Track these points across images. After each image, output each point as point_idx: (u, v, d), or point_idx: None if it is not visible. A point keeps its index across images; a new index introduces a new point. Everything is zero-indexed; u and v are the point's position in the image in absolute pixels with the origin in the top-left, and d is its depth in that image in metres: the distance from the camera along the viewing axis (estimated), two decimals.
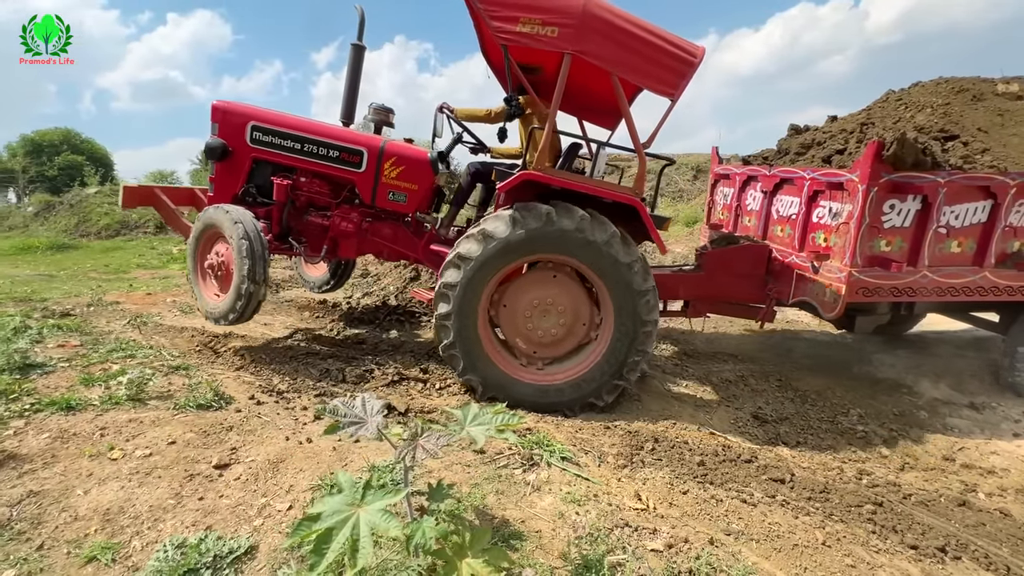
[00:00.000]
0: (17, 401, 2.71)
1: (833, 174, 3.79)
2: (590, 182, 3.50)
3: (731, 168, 5.37)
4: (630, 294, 3.32)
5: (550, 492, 2.36)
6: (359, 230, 4.13)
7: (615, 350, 3.41)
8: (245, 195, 4.04)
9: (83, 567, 1.71)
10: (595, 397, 3.44)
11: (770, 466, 2.95)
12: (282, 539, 1.89)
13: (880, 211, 3.53)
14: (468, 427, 1.63)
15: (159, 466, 2.27)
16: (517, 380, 3.44)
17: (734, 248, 4.45)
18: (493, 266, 3.28)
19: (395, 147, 4.04)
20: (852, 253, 3.53)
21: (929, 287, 3.69)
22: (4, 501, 1.95)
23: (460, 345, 3.35)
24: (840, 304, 3.62)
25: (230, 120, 3.93)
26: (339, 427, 1.52)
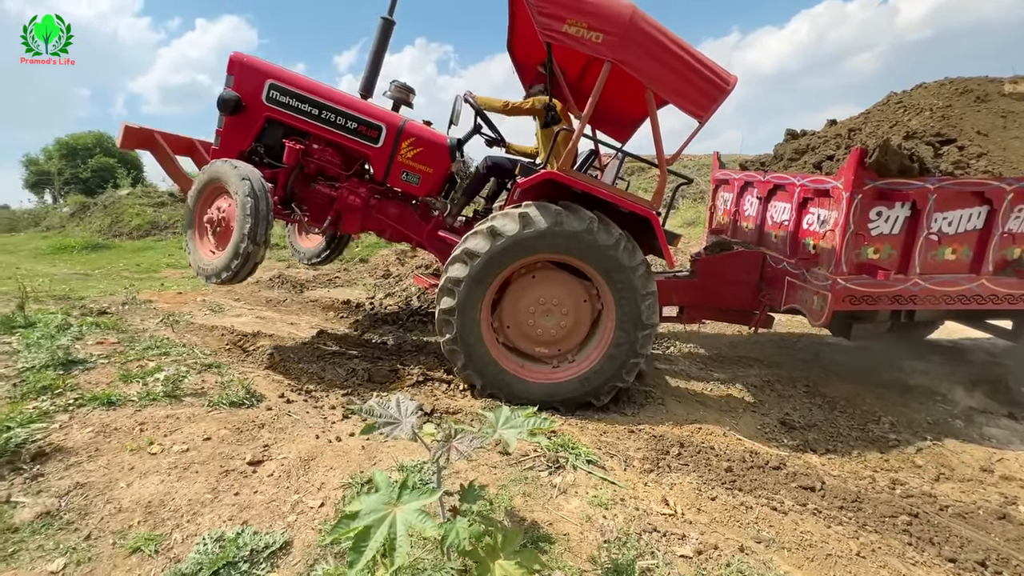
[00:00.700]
0: (62, 396, 2.82)
1: (820, 181, 3.77)
2: (611, 189, 3.53)
3: (730, 173, 5.36)
4: (633, 297, 3.36)
5: (576, 495, 2.36)
6: (366, 206, 4.05)
7: (615, 352, 3.43)
8: (252, 154, 3.87)
9: (128, 557, 1.77)
10: (593, 397, 3.47)
11: (799, 473, 2.90)
12: (315, 535, 1.93)
13: (866, 218, 3.48)
14: (500, 430, 1.64)
15: (196, 461, 2.34)
16: (517, 377, 3.46)
17: (727, 255, 4.44)
18: (500, 263, 3.28)
19: (415, 127, 3.97)
20: (838, 260, 3.50)
21: (922, 295, 3.61)
22: (53, 492, 2.03)
23: (462, 341, 3.36)
24: (827, 312, 3.56)
25: (248, 75, 3.77)
26: (375, 427, 1.55)
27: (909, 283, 3.56)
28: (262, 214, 3.26)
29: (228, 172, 3.38)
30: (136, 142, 4.10)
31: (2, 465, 2.14)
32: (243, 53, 3.81)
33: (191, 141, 4.52)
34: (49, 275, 7.25)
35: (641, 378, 3.91)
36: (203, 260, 3.60)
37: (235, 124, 3.82)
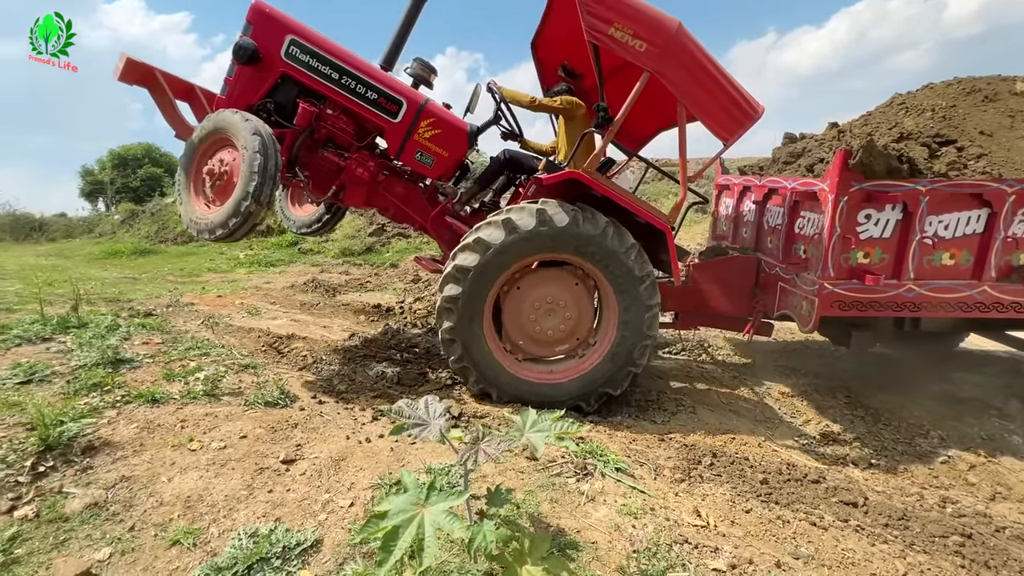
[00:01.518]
0: (110, 393, 2.96)
1: (808, 184, 3.67)
2: (632, 197, 3.53)
3: (731, 179, 5.29)
4: (638, 307, 3.37)
5: (605, 503, 2.32)
6: (373, 180, 3.90)
7: (612, 359, 3.42)
8: (260, 109, 3.62)
9: (168, 549, 1.84)
10: (583, 401, 3.46)
11: (840, 488, 2.77)
12: (345, 534, 1.96)
13: (854, 221, 3.37)
14: (528, 433, 1.63)
15: (232, 458, 2.41)
16: (513, 375, 3.43)
17: (720, 260, 4.36)
18: (511, 256, 3.27)
19: (436, 108, 3.82)
20: (824, 264, 3.38)
21: (917, 302, 3.45)
22: (101, 484, 2.13)
23: (461, 331, 3.32)
24: (814, 318, 3.45)
25: (269, 25, 3.55)
26: (403, 428, 1.56)
27: (903, 289, 3.41)
28: (269, 173, 3.03)
29: (238, 124, 3.14)
30: (137, 77, 3.67)
31: (56, 457, 2.26)
32: (266, 2, 3.56)
33: (191, 86, 4.12)
34: (101, 279, 7.66)
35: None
36: (196, 213, 3.36)
37: (247, 75, 3.60)
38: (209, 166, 3.39)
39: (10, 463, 2.16)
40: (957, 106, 4.33)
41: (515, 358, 3.57)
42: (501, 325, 3.58)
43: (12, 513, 1.92)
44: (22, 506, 1.96)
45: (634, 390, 4.01)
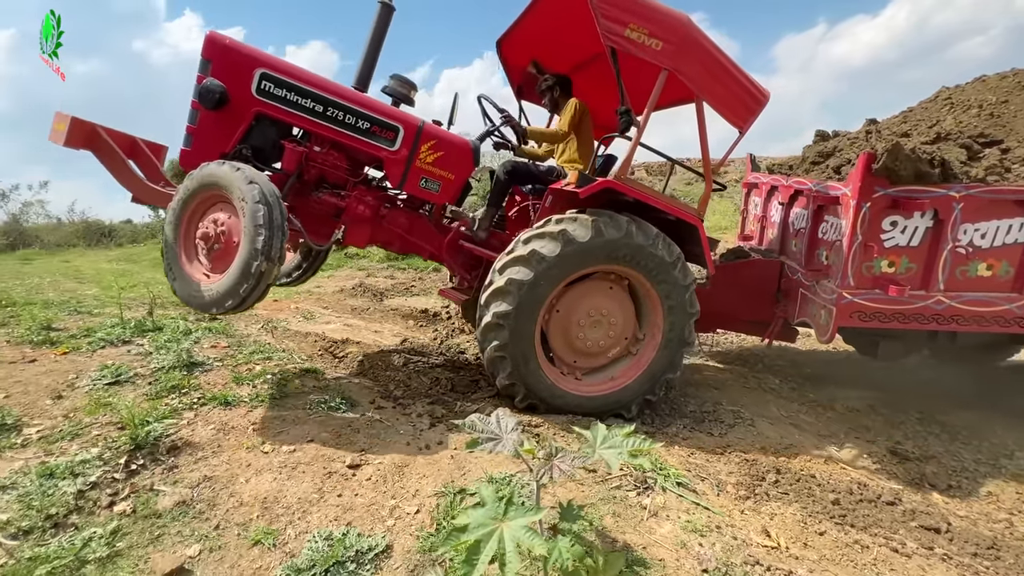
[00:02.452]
0: (187, 395, 3.15)
1: (832, 187, 3.50)
2: (663, 198, 3.48)
3: (760, 177, 5.08)
4: (683, 315, 3.40)
5: (668, 519, 2.29)
6: (376, 216, 3.62)
7: (656, 367, 3.45)
8: (235, 157, 3.24)
9: (251, 548, 1.94)
10: (624, 409, 3.47)
11: (919, 511, 2.62)
12: (414, 541, 2.01)
13: (878, 228, 3.21)
14: (600, 449, 1.63)
15: (302, 462, 2.52)
16: (560, 389, 3.40)
17: (742, 263, 4.24)
18: (565, 269, 3.22)
19: (434, 129, 3.56)
20: (844, 272, 3.24)
21: (947, 314, 3.24)
22: (186, 483, 2.28)
23: (512, 348, 3.22)
24: (831, 328, 3.33)
25: (232, 60, 3.15)
26: (478, 443, 1.59)
27: (931, 300, 3.23)
28: (276, 224, 2.66)
29: (229, 176, 2.75)
30: (82, 140, 3.24)
31: (145, 456, 2.43)
32: (224, 36, 3.17)
33: (133, 140, 3.66)
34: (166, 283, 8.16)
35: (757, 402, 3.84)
36: (194, 286, 2.94)
37: (216, 121, 3.21)
38: (203, 230, 2.97)
39: (106, 460, 2.34)
40: (1009, 101, 4.03)
41: (574, 377, 3.56)
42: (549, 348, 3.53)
43: (112, 508, 2.08)
44: (120, 502, 2.12)
45: (688, 400, 3.93)
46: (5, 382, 3.19)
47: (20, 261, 10.98)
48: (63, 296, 6.16)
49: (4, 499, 2.04)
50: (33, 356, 3.70)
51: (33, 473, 2.19)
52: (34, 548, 1.80)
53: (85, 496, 2.11)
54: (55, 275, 8.17)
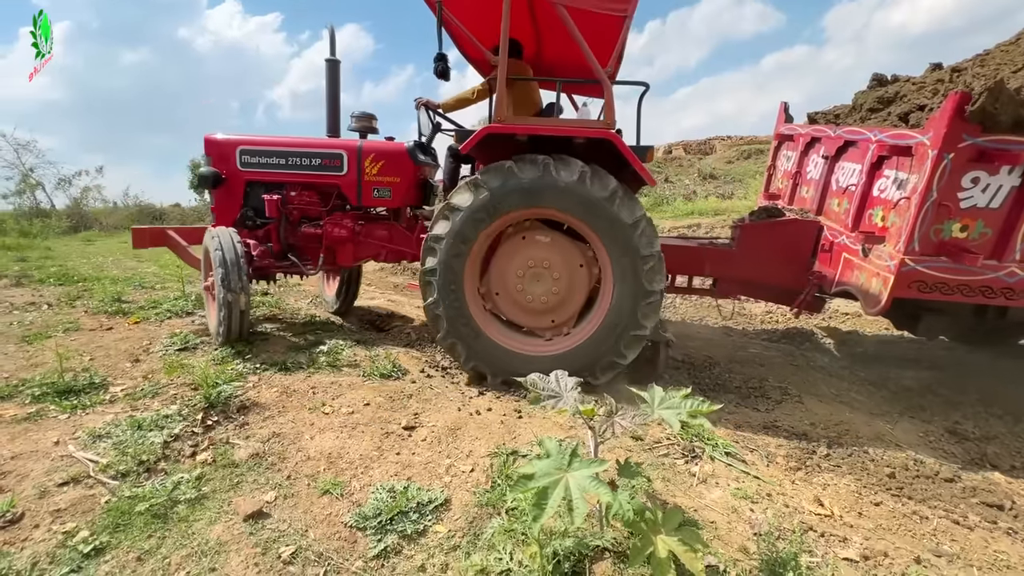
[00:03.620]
0: (250, 361, 3.35)
1: (902, 135, 3.02)
2: (557, 122, 3.26)
3: (796, 128, 4.51)
4: (632, 259, 3.05)
5: (717, 486, 2.31)
6: (353, 235, 4.10)
7: (613, 323, 3.13)
8: (245, 219, 4.06)
9: (320, 497, 2.08)
10: (588, 374, 3.13)
11: (980, 489, 2.55)
12: (470, 496, 2.11)
13: (956, 185, 2.76)
14: (659, 409, 1.67)
15: (360, 423, 2.66)
16: (503, 348, 3.26)
17: (774, 222, 3.83)
18: (482, 218, 3.09)
19: (372, 144, 4.07)
20: (909, 236, 2.82)
21: (1018, 288, 2.85)
22: (257, 438, 2.45)
23: (445, 304, 3.18)
24: (884, 299, 2.96)
25: (221, 150, 4.03)
26: (539, 400, 1.65)
27: (1003, 272, 2.85)
28: (231, 261, 3.37)
29: (206, 239, 3.60)
30: (149, 242, 4.29)
31: (218, 413, 2.62)
32: (213, 135, 4.09)
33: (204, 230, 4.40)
34: None
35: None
36: (211, 326, 3.75)
37: (223, 196, 4.07)
38: (206, 283, 3.83)
39: (185, 416, 2.54)
40: None
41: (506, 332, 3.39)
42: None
43: (194, 457, 2.26)
44: (200, 452, 2.30)
45: (733, 377, 3.90)
46: (88, 347, 3.47)
47: (83, 242, 11.70)
48: (126, 273, 6.58)
49: (102, 446, 2.25)
50: (109, 325, 4.00)
51: (124, 425, 2.40)
52: (132, 488, 1.99)
53: (170, 446, 2.30)
54: (115, 254, 8.68)
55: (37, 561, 1.64)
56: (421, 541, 1.87)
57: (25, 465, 2.10)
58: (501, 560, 1.69)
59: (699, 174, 17.32)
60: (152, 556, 1.71)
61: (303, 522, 1.93)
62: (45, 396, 2.69)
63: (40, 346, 3.41)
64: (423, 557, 1.78)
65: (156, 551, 1.73)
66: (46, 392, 2.72)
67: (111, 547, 1.72)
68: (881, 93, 4.09)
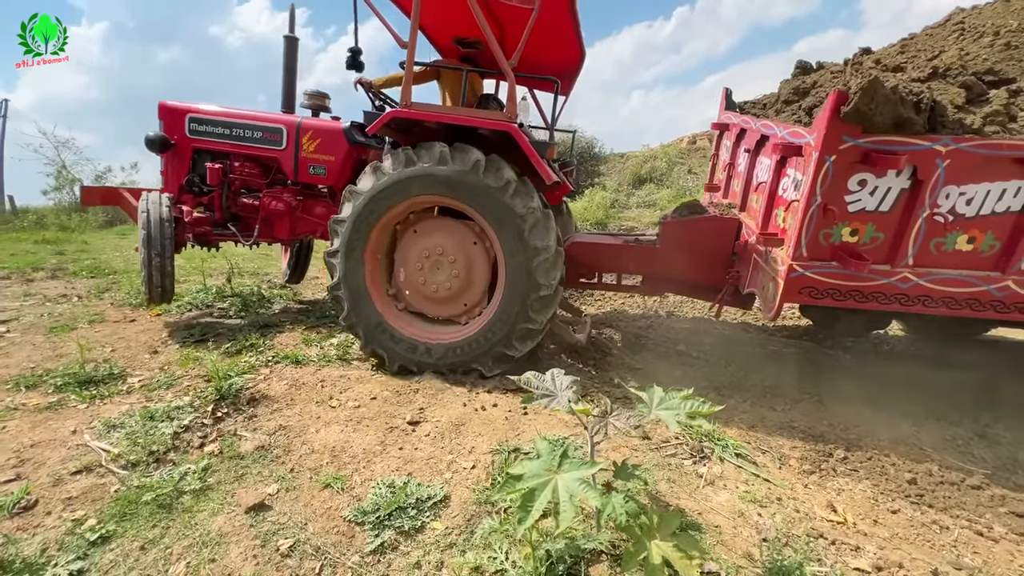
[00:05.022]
0: (262, 353, 3.41)
1: (796, 134, 2.86)
2: (457, 111, 3.22)
3: (731, 117, 4.26)
4: (523, 250, 3.03)
5: (725, 488, 2.24)
6: (290, 209, 4.18)
7: (503, 314, 3.13)
8: (190, 184, 4.15)
9: (321, 491, 2.10)
10: (479, 363, 3.19)
11: (1009, 498, 2.41)
12: (470, 493, 2.09)
13: (842, 188, 2.60)
14: (656, 410, 1.61)
15: (366, 416, 2.67)
16: (400, 333, 3.26)
17: (693, 219, 3.73)
18: (384, 202, 3.12)
19: (311, 122, 4.13)
20: (796, 241, 2.68)
21: (912, 294, 2.70)
22: (264, 431, 2.48)
23: (344, 286, 3.24)
24: (775, 305, 2.82)
25: (173, 116, 4.11)
26: (533, 398, 1.62)
27: (895, 278, 2.71)
28: (154, 223, 3.53)
29: (140, 202, 3.74)
30: (100, 199, 4.50)
31: (228, 405, 2.67)
32: (167, 101, 4.16)
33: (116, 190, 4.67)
34: (240, 254, 8.75)
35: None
36: None
37: (170, 161, 4.16)
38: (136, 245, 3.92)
39: (196, 407, 2.59)
40: None
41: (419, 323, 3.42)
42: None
43: (202, 448, 2.31)
44: (208, 443, 2.35)
45: (749, 374, 3.79)
46: (111, 338, 3.58)
47: (117, 236, 12.12)
48: None
49: (115, 436, 2.31)
50: (133, 317, 4.12)
51: (137, 415, 2.47)
52: (140, 478, 2.04)
53: (180, 437, 2.35)
54: None
55: (46, 548, 1.69)
56: (418, 537, 1.86)
57: (43, 453, 2.18)
58: (495, 559, 1.67)
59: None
60: (155, 545, 1.75)
61: (303, 515, 1.95)
62: (67, 386, 2.79)
63: (66, 337, 3.54)
64: (419, 554, 1.77)
65: (159, 540, 1.77)
66: (68, 382, 2.82)
67: (117, 535, 1.77)
68: (798, 84, 3.82)
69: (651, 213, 11.48)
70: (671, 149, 17.19)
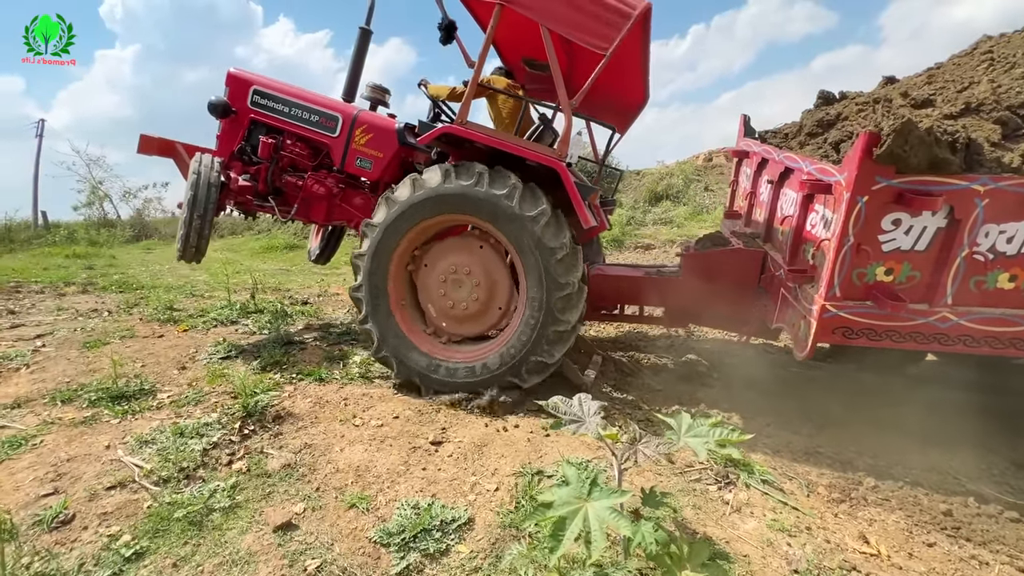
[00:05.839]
0: (287, 371, 3.47)
1: (824, 171, 2.83)
2: (509, 139, 3.22)
3: (751, 144, 4.24)
4: (548, 282, 3.05)
5: (752, 516, 2.21)
6: (330, 195, 4.23)
7: (518, 342, 3.14)
8: (241, 152, 4.24)
9: (347, 511, 2.12)
10: (515, 376, 3.18)
11: None
12: (494, 516, 2.10)
13: (876, 228, 2.56)
14: (685, 437, 1.61)
15: (389, 436, 2.70)
16: (413, 346, 3.29)
17: (718, 251, 3.68)
18: (416, 215, 3.15)
19: (367, 116, 4.17)
20: (829, 281, 2.64)
21: (952, 334, 2.62)
22: (290, 448, 2.52)
23: (366, 288, 3.29)
24: (809, 344, 2.75)
25: (239, 85, 4.19)
26: (561, 424, 1.63)
27: (934, 317, 2.63)
28: (202, 185, 3.62)
29: (192, 162, 3.81)
30: (156, 149, 4.34)
31: (254, 422, 2.72)
32: (238, 70, 4.25)
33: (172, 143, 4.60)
34: (262, 270, 8.95)
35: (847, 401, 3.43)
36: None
37: (228, 127, 4.23)
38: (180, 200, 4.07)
39: (224, 424, 2.65)
40: None
41: (446, 344, 3.44)
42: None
43: (230, 466, 2.35)
44: (236, 461, 2.39)
45: (772, 398, 3.73)
46: (141, 354, 3.68)
47: (143, 250, 12.50)
48: (180, 281, 6.96)
49: (147, 451, 2.37)
50: (161, 332, 4.23)
51: (168, 431, 2.53)
52: (172, 495, 2.09)
53: (209, 454, 2.40)
54: (172, 262, 9.20)
55: (83, 563, 1.73)
56: (443, 561, 1.87)
57: (79, 468, 2.24)
58: None
59: None
60: (187, 563, 1.78)
61: (329, 535, 1.97)
62: (100, 400, 2.87)
63: (99, 352, 3.64)
64: None
65: (191, 558, 1.80)
66: (101, 397, 2.90)
67: (150, 552, 1.81)
68: (822, 115, 3.75)
69: (667, 230, 11.46)
70: (687, 166, 17.20)
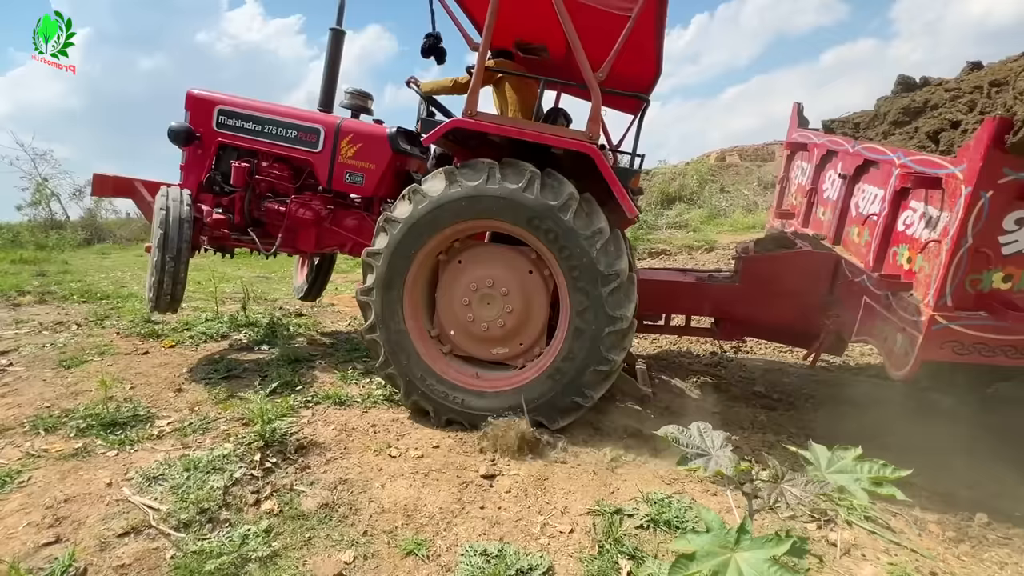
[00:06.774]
0: (300, 392, 3.32)
1: (930, 163, 2.72)
2: (530, 125, 3.08)
3: (810, 135, 4.17)
4: (592, 278, 2.82)
5: (865, 558, 2.13)
6: (318, 219, 3.98)
7: (571, 356, 2.90)
8: (211, 182, 4.05)
9: (404, 559, 1.98)
10: (544, 416, 2.94)
11: None
12: (574, 563, 1.98)
13: (997, 228, 2.47)
14: (830, 473, 1.51)
15: (433, 468, 2.57)
16: (438, 376, 3.07)
17: (783, 254, 3.59)
18: (422, 232, 2.96)
19: (352, 124, 3.98)
20: (940, 289, 2.52)
21: None
22: (323, 484, 2.38)
23: (382, 329, 3.05)
24: (912, 360, 2.65)
25: (200, 106, 3.98)
26: (687, 460, 1.53)
27: None
28: (173, 223, 3.41)
29: (158, 197, 3.60)
30: (112, 191, 4.17)
31: (275, 454, 2.57)
32: (196, 89, 4.05)
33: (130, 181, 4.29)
34: (238, 277, 8.73)
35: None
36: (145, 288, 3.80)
37: (192, 155, 4.05)
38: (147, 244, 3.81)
39: (241, 456, 2.50)
40: None
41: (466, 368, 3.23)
42: None
43: (258, 506, 2.20)
44: (264, 500, 2.24)
45: (840, 420, 3.67)
46: (127, 373, 3.50)
47: (99, 255, 12.15)
48: None
49: (158, 490, 2.21)
50: (144, 348, 4.05)
51: (178, 466, 2.37)
52: (197, 542, 1.93)
53: (230, 492, 2.25)
54: (133, 269, 8.95)
55: None
56: None
57: (80, 510, 2.07)
58: None
59: (759, 183, 16.98)
60: None
61: None
62: (90, 429, 2.70)
63: (80, 372, 3.45)
64: None
65: None
66: (91, 424, 2.73)
67: None
68: (908, 102, 3.62)
69: (683, 235, 11.48)
70: (701, 166, 17.38)
